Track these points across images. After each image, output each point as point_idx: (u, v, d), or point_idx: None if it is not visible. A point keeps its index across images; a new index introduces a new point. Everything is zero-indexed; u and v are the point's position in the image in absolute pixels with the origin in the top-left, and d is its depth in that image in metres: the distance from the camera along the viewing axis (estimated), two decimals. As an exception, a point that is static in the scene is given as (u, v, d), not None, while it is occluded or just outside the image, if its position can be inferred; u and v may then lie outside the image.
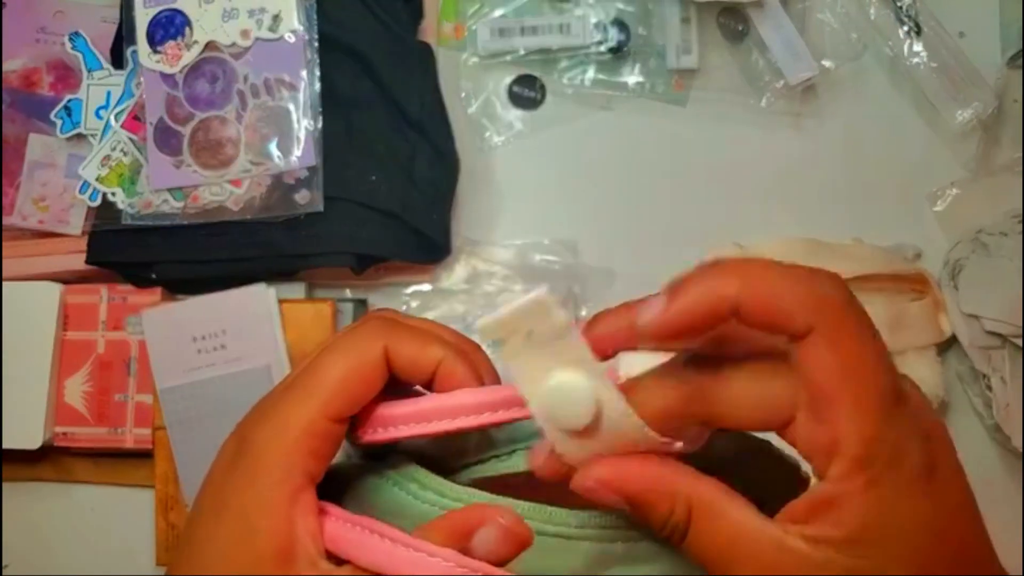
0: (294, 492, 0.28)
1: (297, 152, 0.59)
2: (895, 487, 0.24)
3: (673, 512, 0.26)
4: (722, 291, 0.24)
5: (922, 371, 0.59)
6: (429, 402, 0.30)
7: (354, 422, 0.31)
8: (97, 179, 0.60)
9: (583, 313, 0.63)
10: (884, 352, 0.25)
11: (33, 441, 0.59)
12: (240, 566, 0.28)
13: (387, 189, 0.60)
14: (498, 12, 0.65)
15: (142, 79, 0.60)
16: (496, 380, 0.32)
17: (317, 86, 0.60)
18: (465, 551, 0.27)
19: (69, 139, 0.61)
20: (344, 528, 0.28)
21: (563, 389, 0.25)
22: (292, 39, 0.60)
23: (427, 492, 0.30)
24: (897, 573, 0.24)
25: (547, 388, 0.25)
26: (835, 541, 0.24)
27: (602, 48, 0.64)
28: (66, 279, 0.62)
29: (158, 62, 0.60)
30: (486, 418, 0.29)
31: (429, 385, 0.31)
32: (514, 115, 0.66)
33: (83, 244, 0.61)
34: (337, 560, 0.28)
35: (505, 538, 0.27)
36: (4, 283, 0.60)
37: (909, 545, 0.24)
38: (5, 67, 0.63)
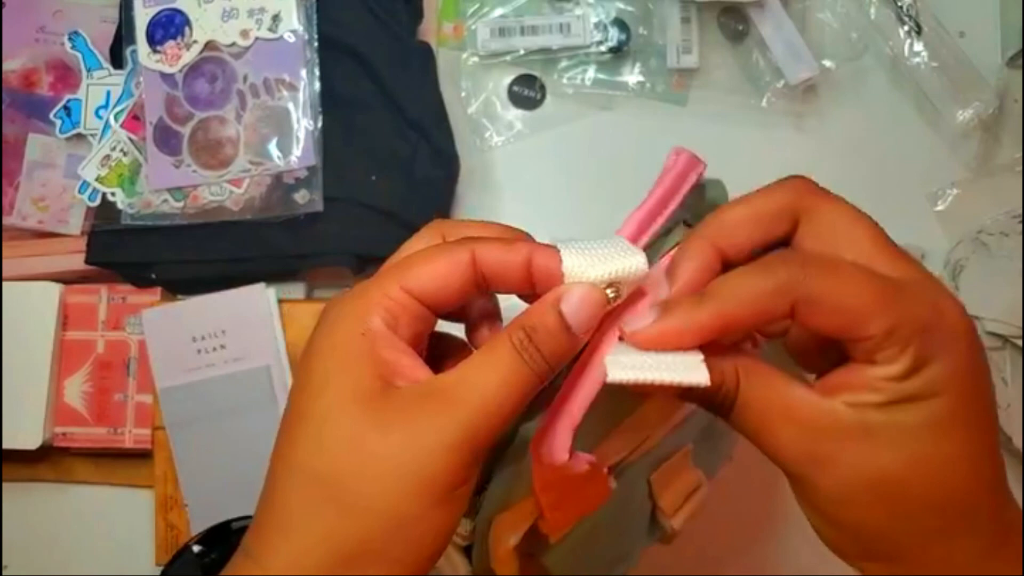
0: (373, 332, 0.29)
1: (297, 152, 0.59)
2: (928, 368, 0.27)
3: (724, 382, 0.28)
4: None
5: (922, 371, 0.59)
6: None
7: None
8: (97, 179, 0.60)
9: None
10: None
11: (33, 441, 0.59)
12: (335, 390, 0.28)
13: (387, 189, 0.60)
14: (498, 12, 0.65)
15: (141, 79, 0.60)
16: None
17: (317, 86, 0.60)
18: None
19: (68, 139, 0.61)
20: None
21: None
22: (292, 39, 0.60)
23: None
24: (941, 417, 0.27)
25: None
26: (873, 404, 0.27)
27: (602, 48, 0.64)
28: (66, 279, 0.62)
29: (158, 62, 0.60)
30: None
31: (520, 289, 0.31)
32: (514, 115, 0.66)
33: (83, 244, 0.61)
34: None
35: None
36: (4, 283, 0.60)
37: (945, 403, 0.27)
38: (5, 67, 0.63)
